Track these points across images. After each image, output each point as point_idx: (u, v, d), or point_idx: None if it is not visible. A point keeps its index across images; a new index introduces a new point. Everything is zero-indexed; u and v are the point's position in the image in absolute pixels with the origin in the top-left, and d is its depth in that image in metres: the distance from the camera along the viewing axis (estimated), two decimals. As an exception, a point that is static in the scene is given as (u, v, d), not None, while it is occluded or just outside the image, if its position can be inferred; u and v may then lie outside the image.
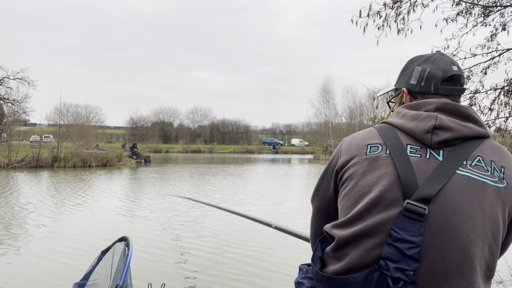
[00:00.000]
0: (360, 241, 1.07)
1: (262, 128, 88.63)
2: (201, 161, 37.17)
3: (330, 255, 1.15)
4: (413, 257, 0.99)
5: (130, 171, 23.85)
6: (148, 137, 66.81)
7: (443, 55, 1.24)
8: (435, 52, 1.27)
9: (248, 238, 7.59)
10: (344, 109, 54.53)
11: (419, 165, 1.08)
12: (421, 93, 1.23)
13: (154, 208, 10.75)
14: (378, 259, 1.03)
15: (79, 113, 50.51)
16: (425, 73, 1.21)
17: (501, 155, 1.13)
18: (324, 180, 1.30)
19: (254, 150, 64.96)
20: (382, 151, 1.14)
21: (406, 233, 1.01)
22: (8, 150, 24.69)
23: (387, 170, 1.10)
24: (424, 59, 1.25)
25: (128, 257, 1.69)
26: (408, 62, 1.30)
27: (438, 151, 1.11)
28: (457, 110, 1.15)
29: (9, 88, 32.28)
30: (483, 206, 1.03)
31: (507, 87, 4.88)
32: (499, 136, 5.14)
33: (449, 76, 1.19)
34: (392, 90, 1.39)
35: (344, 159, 1.21)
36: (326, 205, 1.30)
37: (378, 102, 18.09)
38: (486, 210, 1.03)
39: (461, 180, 1.05)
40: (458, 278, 1.00)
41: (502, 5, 5.00)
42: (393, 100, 1.38)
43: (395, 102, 1.35)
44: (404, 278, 0.98)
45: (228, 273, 5.65)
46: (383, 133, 1.18)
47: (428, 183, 1.04)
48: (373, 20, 5.07)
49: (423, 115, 1.14)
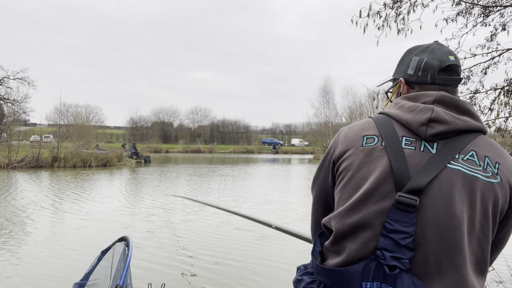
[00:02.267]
0: (357, 234, 1.09)
1: (262, 128, 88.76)
2: (201, 161, 37.17)
3: (329, 249, 1.17)
4: (407, 247, 1.02)
5: (130, 171, 23.84)
6: (148, 137, 66.83)
7: (440, 45, 1.25)
8: (433, 42, 1.27)
9: (248, 238, 7.59)
10: (344, 109, 54.48)
11: (413, 158, 1.09)
12: (418, 83, 1.23)
13: (154, 208, 10.75)
14: (374, 250, 1.05)
15: (79, 113, 50.66)
16: (422, 63, 1.22)
17: (496, 151, 1.13)
18: (322, 170, 1.31)
19: (254, 150, 64.96)
20: (378, 143, 1.15)
21: (399, 224, 1.04)
22: (8, 150, 24.68)
23: (382, 162, 1.11)
24: (421, 49, 1.25)
25: (128, 257, 1.69)
26: (406, 53, 1.30)
27: (432, 143, 1.12)
28: (455, 103, 1.15)
29: (9, 88, 32.35)
30: (473, 200, 1.05)
31: (507, 87, 4.88)
32: (499, 136, 5.13)
33: (446, 66, 1.20)
34: (391, 80, 1.40)
35: (341, 149, 1.22)
36: (324, 194, 1.31)
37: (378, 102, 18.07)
38: (476, 204, 1.05)
39: (451, 173, 1.06)
40: (450, 269, 1.02)
41: (502, 5, 4.99)
42: (391, 90, 1.39)
43: (393, 92, 1.36)
44: (400, 266, 1.01)
45: (228, 273, 5.65)
46: (379, 124, 1.19)
47: (419, 175, 1.06)
48: (373, 20, 5.07)
49: (420, 107, 1.15)
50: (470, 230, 1.04)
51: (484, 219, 1.06)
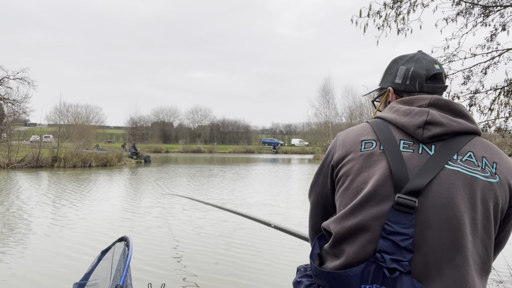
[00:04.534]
0: (356, 236, 1.09)
1: (262, 128, 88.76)
2: (201, 161, 37.17)
3: (328, 252, 1.17)
4: (407, 248, 1.02)
5: (130, 171, 23.84)
6: (148, 137, 66.83)
7: (425, 55, 1.29)
8: (417, 52, 1.31)
9: (248, 238, 7.59)
10: (344, 109, 54.62)
11: (411, 160, 1.10)
12: (406, 92, 1.27)
13: (154, 208, 10.75)
14: (374, 252, 1.05)
15: (79, 113, 50.67)
16: (410, 72, 1.26)
17: (493, 151, 1.15)
18: (320, 176, 1.32)
19: (254, 150, 64.95)
20: (376, 147, 1.16)
21: (398, 226, 1.04)
22: (8, 150, 24.68)
23: (381, 166, 1.12)
24: (407, 59, 1.29)
25: (128, 257, 1.69)
26: (392, 62, 1.34)
27: (430, 146, 1.13)
28: (449, 106, 1.17)
29: (9, 88, 32.33)
30: (473, 201, 1.05)
31: (507, 87, 4.88)
32: (499, 136, 5.13)
33: (432, 74, 1.24)
34: (377, 90, 1.42)
35: (339, 155, 1.22)
36: (323, 200, 1.32)
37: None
38: (477, 204, 1.05)
39: (451, 175, 1.07)
40: (450, 270, 1.02)
41: (502, 5, 5.00)
42: (378, 99, 1.42)
43: (380, 101, 1.39)
44: (400, 268, 1.01)
45: (228, 273, 5.65)
46: (376, 129, 1.20)
47: (418, 177, 1.07)
48: (373, 20, 5.08)
49: (415, 110, 1.17)
50: (473, 231, 1.04)
51: (486, 220, 1.06)
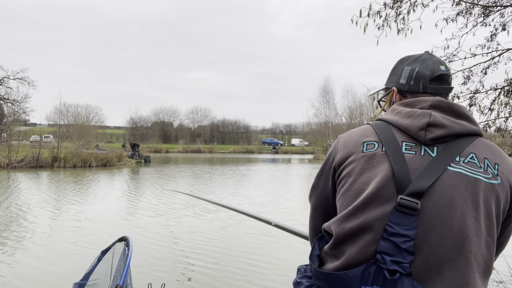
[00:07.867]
0: (357, 237, 1.09)
1: (262, 128, 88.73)
2: (201, 161, 37.17)
3: (328, 253, 1.17)
4: (408, 250, 1.02)
5: (130, 171, 23.85)
6: (148, 137, 66.80)
7: (431, 55, 1.28)
8: (424, 53, 1.30)
9: (248, 237, 7.59)
10: (344, 109, 54.44)
11: (414, 162, 1.10)
12: (410, 92, 1.26)
13: (154, 208, 10.75)
14: (374, 254, 1.05)
15: (79, 113, 50.54)
16: (414, 72, 1.25)
17: (495, 152, 1.15)
18: (321, 178, 1.31)
19: (254, 150, 64.96)
20: (378, 149, 1.16)
21: (400, 227, 1.03)
22: (8, 150, 24.70)
23: (383, 167, 1.12)
24: (413, 59, 1.28)
25: (128, 257, 1.69)
26: (398, 62, 1.33)
27: (432, 147, 1.13)
28: (451, 108, 1.17)
29: (9, 88, 32.34)
30: (476, 202, 1.05)
31: (507, 87, 4.88)
32: (499, 136, 5.13)
33: (437, 75, 1.23)
34: (383, 89, 1.42)
35: (341, 156, 1.22)
36: (324, 202, 1.31)
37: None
38: (480, 206, 1.05)
39: (453, 176, 1.07)
40: (452, 272, 1.01)
41: (502, 5, 5.00)
42: (384, 99, 1.42)
43: (385, 101, 1.39)
44: (400, 270, 1.00)
45: (228, 273, 5.65)
46: (378, 131, 1.20)
47: (420, 178, 1.06)
48: (373, 20, 5.08)
49: (418, 112, 1.16)
50: (477, 233, 1.04)
51: (489, 221, 1.06)
